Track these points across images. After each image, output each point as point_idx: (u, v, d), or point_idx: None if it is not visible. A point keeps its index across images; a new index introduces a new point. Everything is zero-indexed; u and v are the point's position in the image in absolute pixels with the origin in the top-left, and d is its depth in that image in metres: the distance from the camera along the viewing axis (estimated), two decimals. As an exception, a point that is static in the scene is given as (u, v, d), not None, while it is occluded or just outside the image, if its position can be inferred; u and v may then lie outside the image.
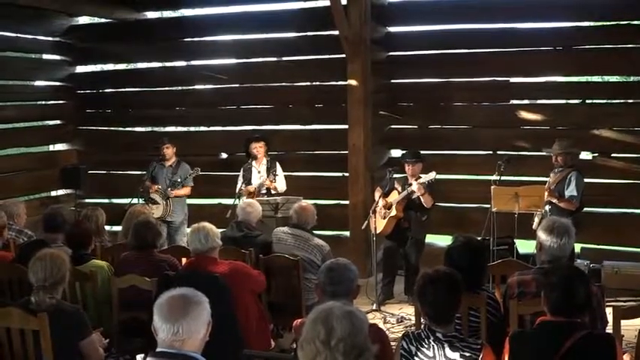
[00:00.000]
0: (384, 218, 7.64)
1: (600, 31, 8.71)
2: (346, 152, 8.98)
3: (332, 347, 2.39)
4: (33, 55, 11.11)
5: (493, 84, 9.09)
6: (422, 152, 7.97)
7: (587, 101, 8.97)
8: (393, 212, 7.61)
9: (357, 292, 3.77)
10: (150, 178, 8.88)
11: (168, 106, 10.99)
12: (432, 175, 7.41)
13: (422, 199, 7.49)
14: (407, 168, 7.68)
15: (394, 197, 7.64)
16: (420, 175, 7.51)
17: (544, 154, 7.60)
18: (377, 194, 7.80)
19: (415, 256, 7.71)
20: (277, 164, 8.55)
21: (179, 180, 8.71)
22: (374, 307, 7.33)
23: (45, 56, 11.29)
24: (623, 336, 4.19)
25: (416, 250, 7.72)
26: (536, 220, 7.16)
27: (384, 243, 8.00)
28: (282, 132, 10.29)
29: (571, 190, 7.12)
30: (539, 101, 9.33)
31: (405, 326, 6.77)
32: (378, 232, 7.59)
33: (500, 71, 9.03)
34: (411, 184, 7.50)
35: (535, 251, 4.39)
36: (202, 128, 11.34)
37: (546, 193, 7.15)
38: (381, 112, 9.36)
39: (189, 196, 9.05)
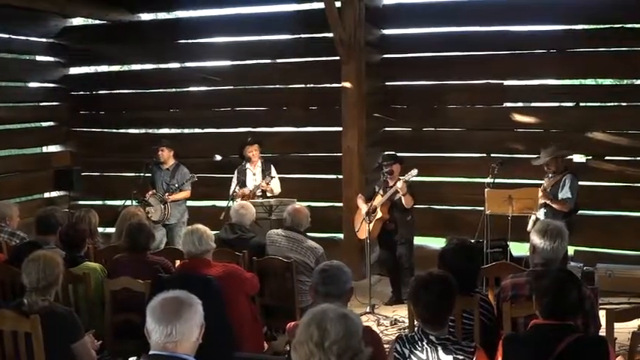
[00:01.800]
0: (371, 222, 7.66)
1: (594, 34, 8.75)
2: (340, 154, 8.97)
3: (325, 349, 2.39)
4: (27, 57, 11.10)
5: (487, 86, 9.12)
6: (416, 155, 8.00)
7: (581, 104, 9.00)
8: (379, 214, 7.63)
9: (350, 294, 3.76)
10: (147, 180, 8.86)
11: (163, 108, 10.98)
12: (414, 172, 7.44)
13: (403, 200, 7.51)
14: (392, 169, 7.71)
15: (378, 200, 7.66)
16: (400, 178, 7.54)
17: (538, 156, 7.60)
18: (359, 201, 7.86)
19: (408, 257, 7.74)
20: (272, 166, 8.54)
21: (176, 185, 8.68)
22: (367, 310, 7.32)
23: (39, 57, 11.27)
24: (616, 339, 4.20)
25: (407, 250, 7.75)
26: (531, 222, 7.16)
27: (377, 249, 8.05)
28: (277, 134, 10.28)
29: (565, 193, 7.13)
30: (532, 104, 9.35)
31: (398, 328, 6.77)
32: (363, 237, 7.64)
33: (494, 74, 9.06)
34: (391, 187, 7.53)
35: (528, 253, 4.40)
36: (196, 130, 11.32)
37: (540, 194, 7.15)
38: (376, 115, 9.37)
39: (187, 199, 9.02)
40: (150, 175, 8.92)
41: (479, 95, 9.22)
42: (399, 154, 8.00)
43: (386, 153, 8.07)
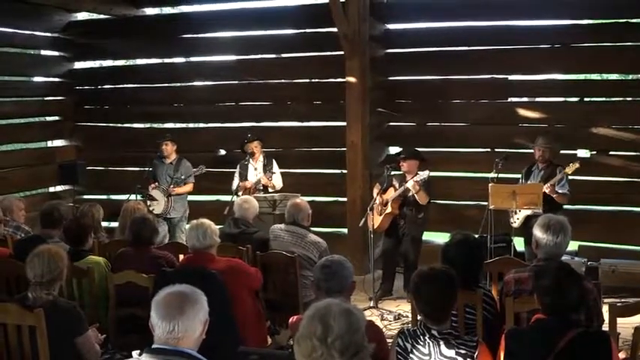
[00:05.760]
0: (381, 215, 7.67)
1: (599, 28, 8.71)
2: (344, 149, 8.97)
3: (328, 344, 2.39)
4: (31, 51, 11.10)
5: (491, 81, 9.08)
6: (420, 149, 7.99)
7: (586, 99, 8.96)
8: (389, 209, 7.64)
9: (352, 289, 3.76)
10: (149, 174, 8.88)
11: (167, 103, 10.97)
12: (426, 173, 7.44)
13: (416, 197, 7.51)
14: (403, 165, 7.71)
15: (390, 194, 7.66)
16: (418, 172, 7.53)
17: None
18: (375, 190, 7.84)
19: (413, 253, 7.71)
20: (274, 161, 8.55)
21: (182, 177, 8.71)
22: (371, 304, 7.33)
23: (43, 52, 11.27)
24: (620, 334, 4.20)
25: (413, 247, 7.72)
26: (518, 218, 7.22)
27: (382, 241, 8.03)
28: (280, 129, 10.28)
29: (563, 187, 7.26)
30: (537, 99, 9.31)
31: (402, 323, 6.78)
32: (374, 228, 7.62)
33: (499, 69, 9.01)
34: (407, 182, 7.52)
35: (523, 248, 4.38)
36: (200, 125, 11.33)
37: (548, 189, 7.16)
38: (379, 110, 9.36)
39: (189, 193, 9.05)
40: (151, 169, 8.93)
41: (483, 90, 9.18)
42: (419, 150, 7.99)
43: (407, 147, 8.05)
